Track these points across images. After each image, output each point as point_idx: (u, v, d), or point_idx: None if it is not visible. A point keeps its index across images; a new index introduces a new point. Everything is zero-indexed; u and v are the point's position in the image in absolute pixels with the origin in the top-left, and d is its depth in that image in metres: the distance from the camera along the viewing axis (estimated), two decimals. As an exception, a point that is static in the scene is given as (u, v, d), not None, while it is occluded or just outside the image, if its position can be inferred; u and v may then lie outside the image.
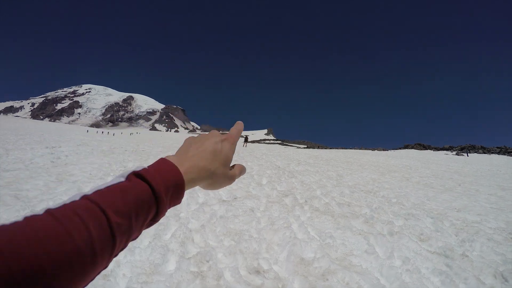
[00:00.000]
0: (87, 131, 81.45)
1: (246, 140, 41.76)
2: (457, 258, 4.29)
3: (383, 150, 39.79)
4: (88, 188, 6.13)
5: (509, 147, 41.33)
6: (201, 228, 4.57)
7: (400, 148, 45.66)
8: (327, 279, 3.42)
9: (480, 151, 40.88)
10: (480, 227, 5.81)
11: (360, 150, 35.81)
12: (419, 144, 44.50)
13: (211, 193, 6.72)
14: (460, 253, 4.46)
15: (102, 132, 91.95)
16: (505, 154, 37.59)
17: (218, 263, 3.56)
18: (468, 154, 36.37)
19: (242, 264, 3.63)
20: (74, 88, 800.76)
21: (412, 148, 43.77)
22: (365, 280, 3.47)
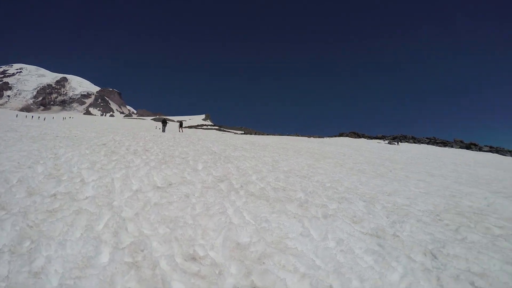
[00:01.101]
0: (16, 115, 75.86)
1: (181, 125, 41.22)
2: (388, 238, 4.55)
3: (319, 137, 40.96)
4: (16, 178, 5.69)
5: (437, 138, 44.40)
6: (135, 216, 4.43)
7: (335, 136, 47.29)
8: (263, 263, 3.48)
9: (411, 141, 43.53)
10: (410, 209, 6.19)
11: (297, 137, 36.64)
12: (354, 133, 46.45)
13: (145, 179, 6.53)
14: (391, 233, 4.74)
15: (32, 116, 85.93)
16: (434, 144, 40.41)
17: (153, 252, 3.49)
18: (399, 143, 38.60)
19: (177, 251, 3.58)
20: (4, 67, 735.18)
21: (347, 136, 45.54)
22: (301, 262, 3.57)
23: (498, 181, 12.08)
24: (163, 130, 33.84)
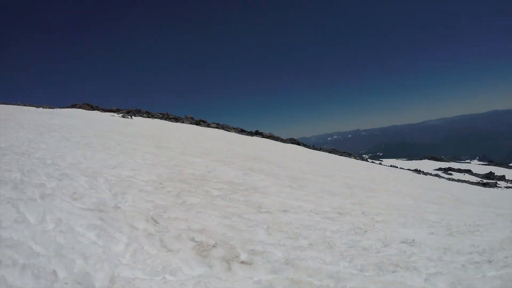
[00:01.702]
0: None
1: None
2: (110, 211, 4.61)
3: (49, 108, 36.75)
4: None
5: (170, 114, 47.28)
6: None
7: (67, 107, 43.73)
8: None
9: (145, 115, 44.73)
10: (133, 180, 6.35)
11: (23, 107, 31.72)
12: (87, 104, 43.94)
13: None
14: (113, 205, 4.82)
15: None
16: (167, 120, 43.02)
17: None
18: (133, 117, 39.26)
19: None
20: None
21: (80, 107, 42.64)
22: (19, 252, 3.29)
23: (221, 152, 13.41)
24: None
